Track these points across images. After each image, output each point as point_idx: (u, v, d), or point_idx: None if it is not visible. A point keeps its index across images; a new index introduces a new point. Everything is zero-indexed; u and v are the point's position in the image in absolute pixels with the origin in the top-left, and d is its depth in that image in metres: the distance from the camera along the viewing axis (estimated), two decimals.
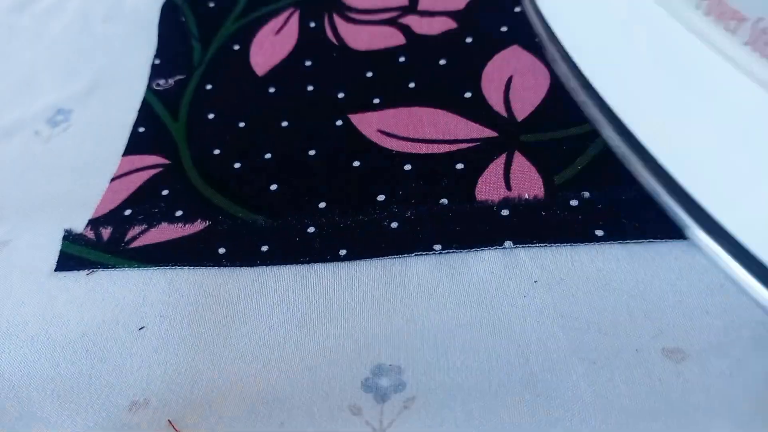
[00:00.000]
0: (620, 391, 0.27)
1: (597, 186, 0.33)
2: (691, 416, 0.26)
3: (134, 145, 0.41)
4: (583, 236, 0.32)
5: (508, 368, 0.28)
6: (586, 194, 0.33)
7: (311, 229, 0.34)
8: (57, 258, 0.36)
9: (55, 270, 0.35)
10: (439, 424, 0.26)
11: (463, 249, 0.32)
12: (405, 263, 0.32)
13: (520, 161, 0.35)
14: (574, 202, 0.33)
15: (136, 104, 0.44)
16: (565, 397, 0.27)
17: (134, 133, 0.42)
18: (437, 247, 0.32)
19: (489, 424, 0.26)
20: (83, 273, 0.35)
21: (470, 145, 0.36)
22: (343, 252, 0.33)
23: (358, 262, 0.33)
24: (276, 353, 0.30)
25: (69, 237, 0.36)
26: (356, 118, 0.39)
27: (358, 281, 0.32)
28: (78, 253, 0.36)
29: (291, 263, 0.33)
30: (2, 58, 0.50)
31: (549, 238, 0.32)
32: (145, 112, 0.43)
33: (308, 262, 0.33)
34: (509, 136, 0.36)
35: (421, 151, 0.37)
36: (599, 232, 0.31)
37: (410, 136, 0.38)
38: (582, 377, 0.27)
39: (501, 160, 0.35)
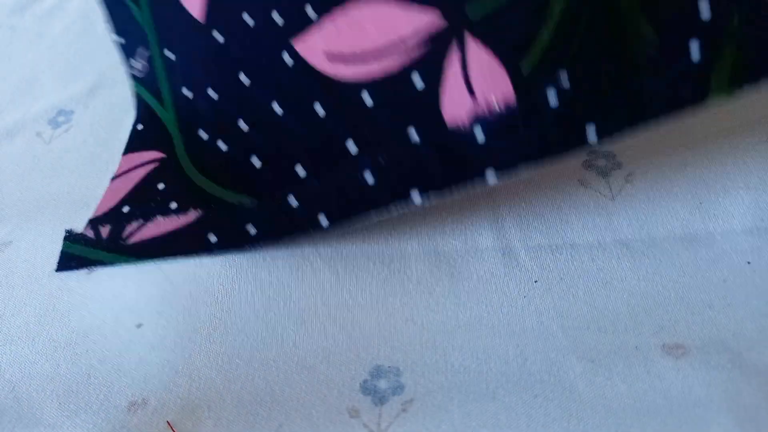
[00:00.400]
0: (619, 390, 0.26)
1: (575, 59, 0.29)
2: (692, 412, 0.25)
3: (134, 143, 0.41)
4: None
5: (506, 369, 0.28)
6: (564, 76, 0.28)
7: (292, 200, 0.34)
8: (58, 258, 0.36)
9: (57, 270, 0.35)
10: (437, 426, 0.26)
11: (441, 190, 0.30)
12: (405, 263, 0.32)
13: (475, 51, 0.30)
14: (551, 96, 0.29)
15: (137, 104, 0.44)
16: (562, 398, 0.26)
17: (134, 131, 0.42)
18: (415, 194, 0.31)
19: (486, 427, 0.26)
20: (84, 272, 0.35)
21: (420, 49, 0.32)
22: (323, 219, 0.32)
23: (354, 255, 0.33)
24: (273, 351, 0.30)
25: (70, 237, 0.36)
26: (301, 47, 0.36)
27: (356, 277, 0.32)
28: (79, 253, 0.36)
29: (277, 239, 0.33)
30: (4, 59, 0.50)
31: (531, 158, 0.29)
32: (142, 109, 0.43)
33: (292, 234, 0.33)
34: (454, 15, 0.31)
35: (376, 76, 0.33)
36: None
37: (358, 52, 0.34)
38: (580, 377, 0.27)
39: (456, 58, 0.31)
